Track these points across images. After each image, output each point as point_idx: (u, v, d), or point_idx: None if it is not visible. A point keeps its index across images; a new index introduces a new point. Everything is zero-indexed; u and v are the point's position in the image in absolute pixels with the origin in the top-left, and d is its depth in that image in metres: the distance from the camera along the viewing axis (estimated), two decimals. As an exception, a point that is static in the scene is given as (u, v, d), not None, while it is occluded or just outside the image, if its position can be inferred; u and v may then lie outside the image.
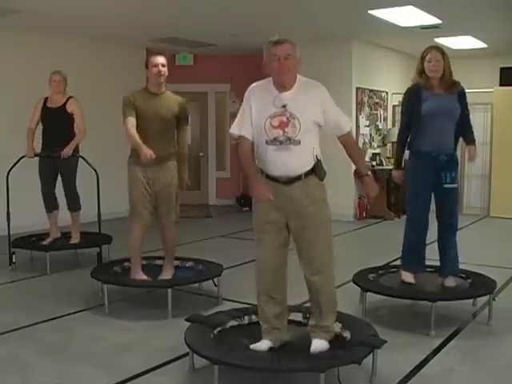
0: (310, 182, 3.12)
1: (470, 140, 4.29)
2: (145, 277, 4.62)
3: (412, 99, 4.19)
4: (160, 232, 4.67)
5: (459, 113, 4.13)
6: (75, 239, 5.94)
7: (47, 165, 5.78)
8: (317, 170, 3.13)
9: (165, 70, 4.46)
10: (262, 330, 3.28)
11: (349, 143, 3.26)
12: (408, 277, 4.27)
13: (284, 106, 3.06)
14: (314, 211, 3.13)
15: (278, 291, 3.25)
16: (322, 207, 3.18)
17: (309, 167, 3.12)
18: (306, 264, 3.18)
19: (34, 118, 5.74)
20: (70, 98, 5.75)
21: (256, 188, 3.16)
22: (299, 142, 3.06)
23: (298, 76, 3.14)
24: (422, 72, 4.15)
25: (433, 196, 4.24)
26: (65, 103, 5.71)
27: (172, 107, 4.52)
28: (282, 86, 3.09)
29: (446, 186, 4.15)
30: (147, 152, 4.25)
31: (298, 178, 3.10)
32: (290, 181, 3.10)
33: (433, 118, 4.08)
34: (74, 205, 5.90)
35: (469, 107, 4.28)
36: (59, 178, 5.89)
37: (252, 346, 3.20)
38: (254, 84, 3.22)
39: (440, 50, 4.13)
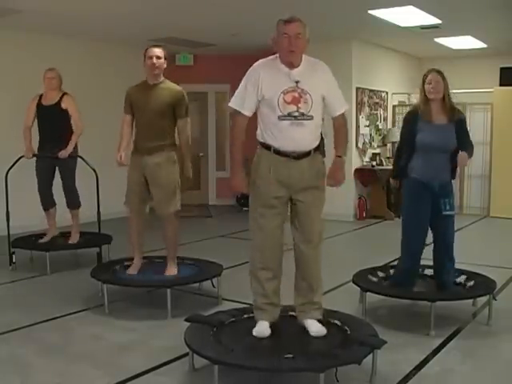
0: (316, 158, 3.26)
1: (466, 149, 4.12)
2: (135, 272, 4.65)
3: (409, 126, 4.16)
4: (162, 228, 4.68)
5: (455, 146, 4.06)
6: (74, 239, 5.93)
7: (45, 163, 5.76)
8: (321, 147, 3.27)
9: (160, 61, 4.49)
10: (259, 307, 3.34)
11: (341, 124, 3.35)
12: None
13: (297, 82, 3.14)
14: (319, 186, 3.27)
15: (278, 266, 3.34)
16: (323, 184, 3.31)
17: (316, 143, 3.25)
18: (305, 237, 3.28)
19: (29, 116, 5.72)
20: (65, 94, 5.74)
21: (235, 176, 3.34)
22: (312, 118, 3.17)
23: (304, 55, 3.23)
24: (423, 96, 4.10)
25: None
26: (59, 100, 5.69)
27: (165, 98, 4.51)
28: (291, 64, 3.16)
29: (445, 213, 4.12)
30: (117, 157, 4.57)
31: (308, 153, 3.21)
32: (300, 156, 3.19)
33: (426, 150, 4.06)
34: (73, 203, 5.90)
35: (469, 109, 4.22)
36: (57, 176, 5.88)
37: (255, 332, 3.27)
38: (259, 61, 3.26)
39: (440, 72, 4.11)
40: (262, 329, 3.31)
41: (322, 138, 3.29)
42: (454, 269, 4.28)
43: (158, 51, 4.50)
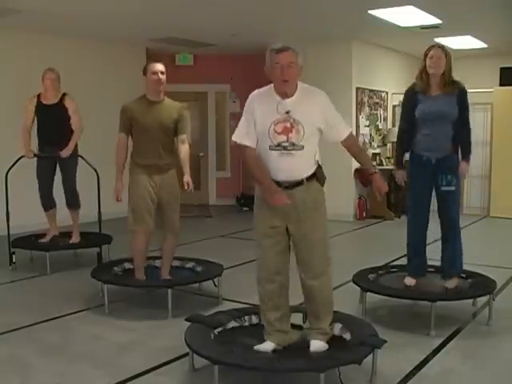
0: (311, 187, 3.16)
1: (464, 155, 4.21)
2: (144, 277, 4.63)
3: (407, 102, 4.21)
4: (163, 239, 4.64)
5: (456, 115, 4.09)
6: (76, 239, 5.94)
7: (46, 163, 5.76)
8: (318, 175, 3.18)
9: (164, 77, 4.41)
10: (265, 331, 3.28)
11: (351, 145, 3.29)
12: (410, 281, 4.28)
13: (288, 112, 3.08)
14: (315, 216, 3.17)
15: (280, 295, 3.25)
16: (321, 212, 3.22)
17: (310, 172, 3.16)
18: (305, 268, 3.20)
19: (28, 116, 5.68)
20: (65, 94, 5.74)
21: (275, 193, 3.09)
22: (302, 148, 3.09)
23: (298, 82, 3.16)
24: (423, 71, 4.14)
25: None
26: (61, 100, 5.69)
27: (172, 115, 4.48)
28: (284, 93, 3.10)
29: (442, 188, 4.15)
30: (117, 190, 4.45)
31: (300, 182, 3.13)
32: (292, 185, 3.12)
33: (425, 121, 4.09)
34: (74, 203, 5.90)
35: (470, 108, 4.23)
36: (57, 176, 5.88)
37: (256, 347, 3.21)
38: (255, 92, 3.22)
39: (443, 48, 4.12)
40: (263, 347, 3.22)
41: (318, 166, 3.20)
42: (458, 256, 4.26)
43: (162, 67, 4.42)
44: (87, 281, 4.77)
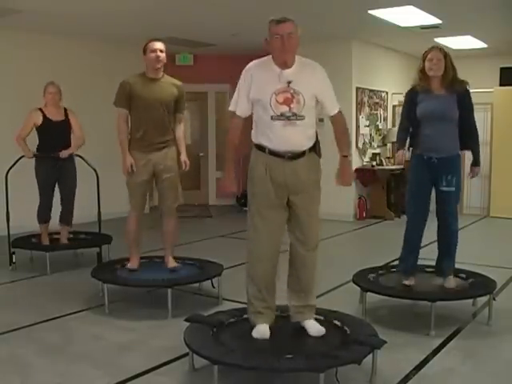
0: (312, 159, 3.24)
1: (475, 160, 4.29)
2: (135, 266, 4.65)
3: (408, 102, 4.23)
4: (163, 225, 4.67)
5: (457, 115, 4.10)
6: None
7: (48, 175, 5.72)
8: (317, 147, 3.26)
9: (163, 55, 4.48)
10: (257, 311, 3.33)
11: (340, 122, 3.34)
12: (408, 280, 4.27)
13: (289, 83, 3.13)
14: (315, 187, 3.27)
15: (275, 270, 3.33)
16: (319, 185, 3.30)
17: (311, 143, 3.23)
18: (303, 240, 3.27)
19: (27, 128, 5.65)
20: (67, 109, 5.78)
21: (227, 176, 3.34)
22: (304, 118, 3.15)
23: (296, 55, 3.22)
24: (421, 72, 4.14)
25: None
26: (66, 116, 5.73)
27: (172, 91, 4.55)
28: (284, 64, 3.16)
29: (442, 188, 4.16)
30: (128, 165, 4.41)
31: (302, 153, 3.19)
32: (295, 156, 3.18)
33: (426, 121, 4.09)
34: (69, 219, 5.88)
35: (473, 108, 4.22)
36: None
37: (254, 334, 3.26)
38: (252, 63, 3.29)
39: (442, 50, 4.13)
40: (263, 331, 3.29)
41: (317, 139, 3.27)
42: (453, 256, 4.26)
43: (161, 45, 4.50)
44: (87, 281, 4.77)
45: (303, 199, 3.23)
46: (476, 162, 4.32)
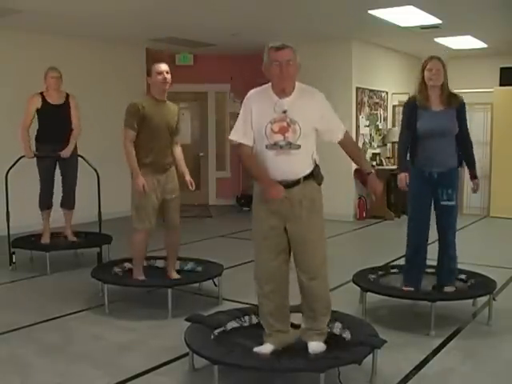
0: (308, 186, 3.15)
1: (472, 172, 4.29)
2: (144, 277, 4.63)
3: (408, 115, 4.21)
4: (167, 237, 4.67)
5: (457, 130, 4.12)
6: (72, 238, 5.95)
7: (48, 163, 5.76)
8: (315, 175, 3.17)
9: (169, 77, 4.47)
10: (265, 333, 3.28)
11: (347, 145, 3.28)
12: (408, 288, 4.26)
13: (285, 112, 3.08)
14: (312, 215, 3.16)
15: (277, 294, 3.24)
16: (319, 212, 3.21)
17: (308, 171, 3.15)
18: (304, 269, 3.19)
19: (29, 115, 5.66)
20: (69, 95, 5.76)
21: (271, 187, 3.08)
22: (299, 147, 3.09)
23: (296, 82, 3.16)
24: (422, 84, 4.13)
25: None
26: (67, 100, 5.72)
27: (175, 114, 4.62)
28: (282, 92, 3.10)
29: (442, 203, 4.15)
30: (141, 184, 4.35)
31: (297, 182, 3.12)
32: (290, 185, 3.11)
33: (427, 137, 4.09)
34: (71, 203, 5.90)
35: (467, 123, 4.23)
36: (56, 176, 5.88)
37: (255, 349, 3.21)
38: (253, 91, 3.23)
39: (440, 59, 4.13)
40: (263, 349, 3.21)
41: (316, 166, 3.19)
42: (455, 267, 4.26)
43: (166, 66, 4.48)
44: (87, 281, 4.77)
45: (298, 227, 3.15)
46: (472, 175, 4.31)
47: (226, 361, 2.99)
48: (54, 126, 5.67)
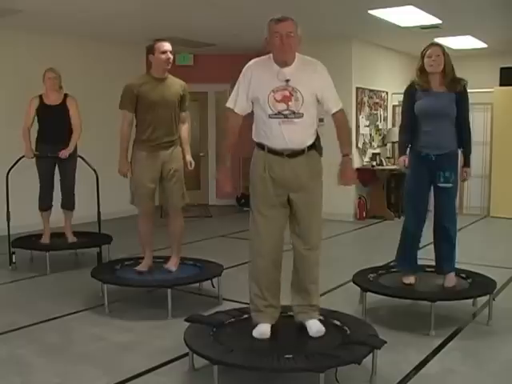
0: (311, 157, 3.23)
1: (466, 160, 4.28)
2: (144, 268, 4.63)
3: (407, 99, 4.22)
4: (169, 220, 4.68)
5: (455, 113, 4.11)
6: (73, 239, 5.94)
7: (47, 163, 5.76)
8: (317, 145, 3.24)
9: (172, 56, 4.49)
10: (258, 309, 3.33)
11: (341, 120, 3.32)
12: (408, 278, 4.27)
13: (287, 81, 3.13)
14: (315, 185, 3.25)
15: (278, 267, 3.32)
16: (320, 183, 3.29)
17: (311, 141, 3.22)
18: (303, 238, 3.26)
19: (29, 117, 5.69)
20: (67, 95, 5.76)
21: (222, 175, 3.32)
22: (302, 115, 3.14)
23: (297, 54, 3.21)
24: (420, 70, 4.15)
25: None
26: (64, 100, 5.71)
27: (177, 90, 4.56)
28: (283, 62, 3.16)
29: (440, 185, 4.15)
30: (124, 170, 4.45)
31: (302, 151, 3.18)
32: (294, 154, 3.17)
33: (425, 117, 4.10)
34: (71, 203, 5.90)
35: (469, 109, 4.23)
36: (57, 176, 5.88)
37: (255, 334, 3.26)
38: (253, 61, 3.29)
39: (440, 46, 4.14)
40: (263, 330, 3.29)
41: (317, 137, 3.26)
42: (453, 252, 4.25)
43: (170, 46, 4.50)
44: (87, 281, 4.77)
45: (303, 197, 3.22)
46: (467, 163, 4.29)
47: (226, 361, 2.99)
48: (51, 126, 5.68)
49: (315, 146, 3.24)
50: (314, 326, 3.31)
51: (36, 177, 5.83)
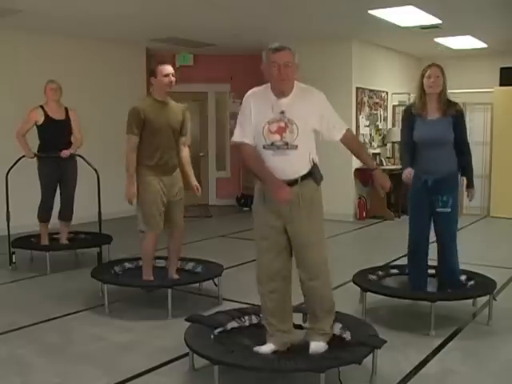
0: (306, 186, 3.14)
1: (469, 182, 4.29)
2: (152, 278, 4.61)
3: (406, 125, 4.23)
4: (170, 237, 4.66)
5: (453, 139, 4.11)
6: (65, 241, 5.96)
7: (50, 171, 5.73)
8: (313, 174, 3.16)
9: (174, 79, 4.47)
10: (267, 332, 3.28)
11: (350, 142, 3.27)
12: None
13: (282, 113, 3.08)
14: (311, 215, 3.16)
15: (279, 293, 3.24)
16: (318, 211, 3.21)
17: (305, 171, 3.14)
18: (304, 268, 3.19)
19: (27, 125, 5.67)
20: (68, 109, 5.78)
21: (279, 188, 3.06)
22: (296, 147, 3.09)
23: (295, 82, 3.16)
24: (420, 91, 4.13)
25: None
26: (67, 114, 5.74)
27: (178, 115, 4.55)
28: (281, 93, 3.11)
29: (438, 210, 4.14)
30: (131, 196, 4.37)
31: (295, 181, 3.11)
32: (287, 185, 3.10)
33: (423, 146, 4.11)
34: (69, 215, 5.89)
35: (467, 132, 4.24)
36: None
37: (255, 348, 3.21)
38: (251, 91, 3.24)
39: (440, 67, 4.13)
40: (263, 349, 3.21)
41: (314, 165, 3.17)
42: (455, 270, 4.25)
43: (171, 68, 4.47)
44: (87, 281, 4.77)
45: (297, 227, 3.15)
46: (470, 184, 4.30)
47: (226, 361, 2.99)
48: (55, 140, 5.67)
49: (310, 175, 3.16)
50: (315, 347, 3.21)
51: (36, 177, 5.82)
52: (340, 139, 3.22)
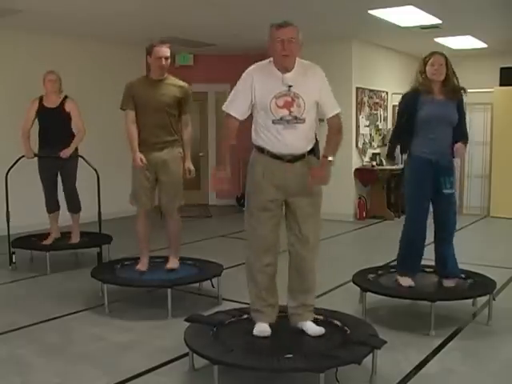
0: (311, 162, 3.26)
1: (462, 140, 4.21)
2: (144, 268, 4.63)
3: (409, 103, 4.15)
4: (165, 224, 4.68)
5: (456, 121, 4.13)
6: (75, 239, 5.94)
7: (48, 166, 5.76)
8: (316, 150, 3.29)
9: (167, 62, 4.50)
10: (257, 309, 3.36)
11: (335, 126, 3.32)
12: (406, 281, 4.22)
13: (290, 87, 3.15)
14: (315, 189, 3.27)
15: (274, 268, 3.34)
16: (318, 186, 3.30)
17: (311, 146, 3.27)
18: (302, 240, 3.28)
19: (29, 119, 5.68)
20: (66, 97, 5.75)
21: (223, 172, 3.28)
22: (304, 121, 3.18)
23: (297, 58, 3.24)
24: (422, 75, 4.13)
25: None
26: (62, 103, 5.70)
27: (173, 92, 4.55)
28: (284, 68, 3.18)
29: (445, 191, 4.14)
30: (137, 159, 4.43)
31: (302, 156, 3.22)
32: (295, 159, 3.21)
33: (431, 124, 4.09)
34: (75, 207, 5.90)
35: (466, 114, 4.27)
36: (59, 179, 5.89)
37: (255, 332, 3.29)
38: (253, 66, 3.30)
39: (443, 54, 4.13)
40: (263, 328, 3.32)
41: (316, 141, 3.30)
42: (454, 256, 4.24)
43: (167, 51, 4.50)
44: (87, 281, 4.77)
45: (302, 201, 3.24)
46: (461, 141, 4.16)
47: (226, 361, 2.99)
48: (49, 129, 5.68)
49: (314, 151, 3.28)
50: (312, 328, 3.31)
51: (36, 177, 5.83)
52: (330, 117, 3.28)
